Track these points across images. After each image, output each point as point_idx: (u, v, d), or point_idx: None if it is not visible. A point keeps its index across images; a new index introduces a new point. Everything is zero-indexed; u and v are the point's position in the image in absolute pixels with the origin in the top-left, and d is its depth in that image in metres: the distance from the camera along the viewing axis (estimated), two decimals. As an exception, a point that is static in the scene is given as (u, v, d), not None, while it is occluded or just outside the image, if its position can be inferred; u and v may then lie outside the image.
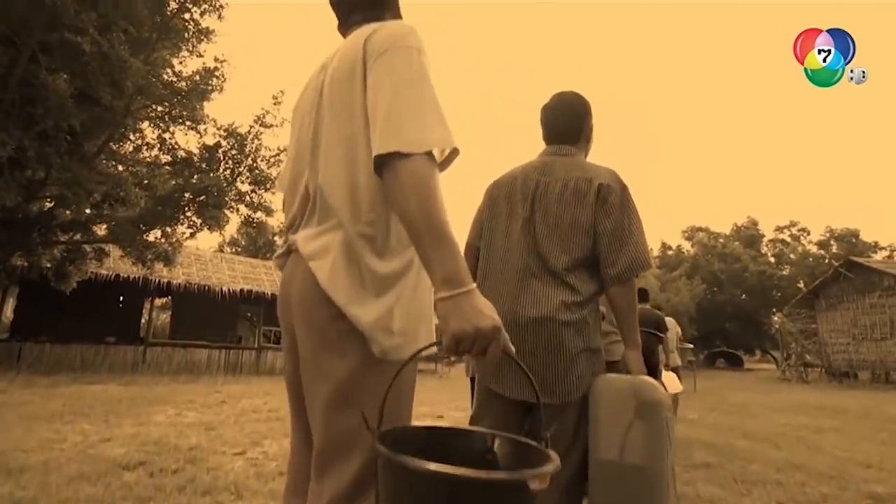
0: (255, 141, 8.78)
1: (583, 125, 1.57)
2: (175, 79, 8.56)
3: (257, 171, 9.09)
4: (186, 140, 9.06)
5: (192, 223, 9.13)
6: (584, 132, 1.58)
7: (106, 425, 4.26)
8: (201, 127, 8.65)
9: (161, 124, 8.68)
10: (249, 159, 8.98)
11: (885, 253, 29.54)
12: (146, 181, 8.87)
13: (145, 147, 9.07)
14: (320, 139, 0.91)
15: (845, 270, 14.46)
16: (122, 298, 13.97)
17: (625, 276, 1.36)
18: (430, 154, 0.76)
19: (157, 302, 17.75)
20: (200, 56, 8.57)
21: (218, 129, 8.84)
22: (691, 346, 7.87)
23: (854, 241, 29.21)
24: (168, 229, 9.02)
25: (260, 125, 8.67)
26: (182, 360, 12.60)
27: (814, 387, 13.67)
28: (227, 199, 8.53)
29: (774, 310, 34.48)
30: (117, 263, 11.65)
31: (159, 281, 11.98)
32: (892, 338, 13.27)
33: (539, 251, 1.42)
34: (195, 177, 8.43)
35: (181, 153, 9.04)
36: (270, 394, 7.88)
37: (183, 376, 11.35)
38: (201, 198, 8.18)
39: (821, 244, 31.08)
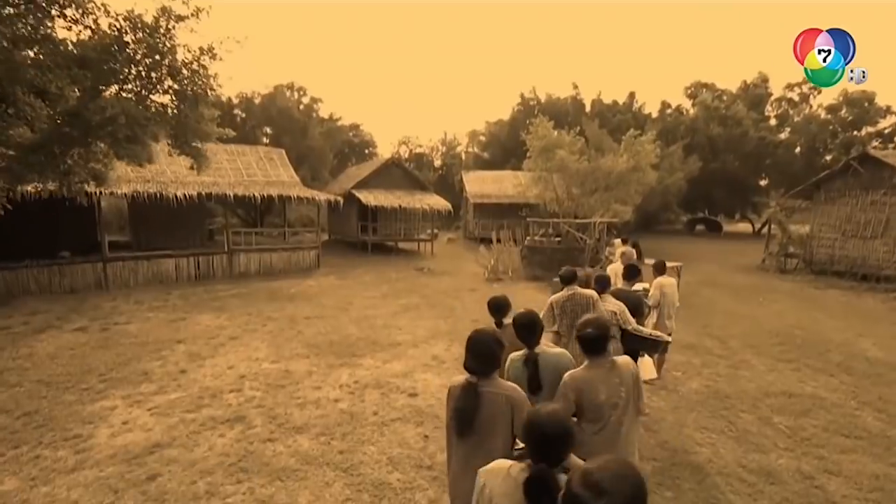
0: (169, 39, 6.62)
1: None
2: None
3: (181, 77, 7.10)
4: (78, 32, 6.80)
5: (114, 141, 7.49)
6: None
7: (25, 478, 3.76)
8: (89, 18, 6.38)
9: (32, 12, 6.35)
10: (166, 61, 6.91)
11: (894, 118, 27.90)
12: (40, 87, 6.95)
13: (23, 43, 6.84)
14: None
15: (857, 164, 13.45)
16: (67, 204, 12.58)
17: None
18: None
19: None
20: None
21: (114, 18, 6.56)
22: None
23: (867, 105, 27.20)
24: (83, 150, 7.41)
25: (169, 17, 6.41)
26: (148, 272, 11.99)
27: (792, 283, 13.89)
28: (144, 122, 6.74)
29: (764, 174, 34.09)
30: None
31: (99, 192, 10.58)
32: (881, 237, 13.01)
33: None
34: (101, 92, 6.52)
35: (73, 51, 6.89)
36: (241, 328, 7.04)
37: (151, 294, 10.86)
38: (109, 128, 6.44)
39: (830, 108, 29.01)
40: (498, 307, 3.65)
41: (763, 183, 34.97)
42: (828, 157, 29.82)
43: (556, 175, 17.48)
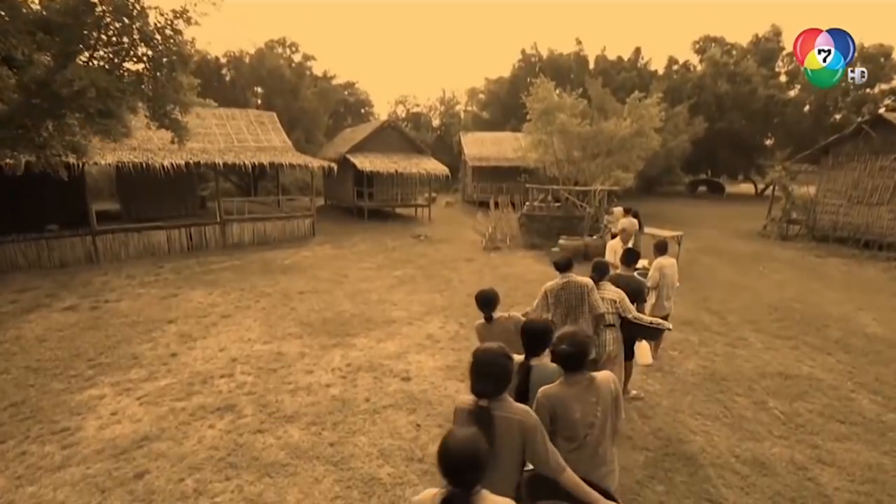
0: (138, 1, 6.08)
1: None
2: None
3: (154, 42, 6.60)
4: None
5: (87, 115, 7.08)
6: None
7: (11, 476, 3.72)
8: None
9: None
10: (137, 25, 6.39)
11: (910, 74, 26.77)
12: (4, 53, 6.49)
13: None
14: None
15: (869, 128, 12.92)
16: (52, 175, 12.16)
17: None
18: None
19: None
20: None
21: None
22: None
23: (883, 61, 26.03)
24: (57, 123, 7.01)
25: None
26: (139, 244, 11.78)
27: (793, 250, 13.71)
28: (117, 94, 6.31)
29: (770, 134, 33.25)
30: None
31: (83, 164, 10.17)
32: (888, 204, 12.71)
33: None
34: (71, 59, 6.06)
35: (38, 12, 6.36)
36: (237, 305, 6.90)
37: (142, 267, 10.72)
38: (80, 101, 6.02)
39: (844, 64, 27.75)
40: (486, 301, 3.48)
41: (769, 143, 34.12)
42: (837, 117, 28.92)
43: (557, 138, 16.92)
